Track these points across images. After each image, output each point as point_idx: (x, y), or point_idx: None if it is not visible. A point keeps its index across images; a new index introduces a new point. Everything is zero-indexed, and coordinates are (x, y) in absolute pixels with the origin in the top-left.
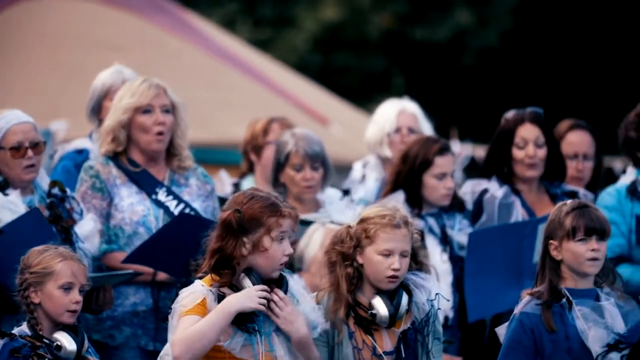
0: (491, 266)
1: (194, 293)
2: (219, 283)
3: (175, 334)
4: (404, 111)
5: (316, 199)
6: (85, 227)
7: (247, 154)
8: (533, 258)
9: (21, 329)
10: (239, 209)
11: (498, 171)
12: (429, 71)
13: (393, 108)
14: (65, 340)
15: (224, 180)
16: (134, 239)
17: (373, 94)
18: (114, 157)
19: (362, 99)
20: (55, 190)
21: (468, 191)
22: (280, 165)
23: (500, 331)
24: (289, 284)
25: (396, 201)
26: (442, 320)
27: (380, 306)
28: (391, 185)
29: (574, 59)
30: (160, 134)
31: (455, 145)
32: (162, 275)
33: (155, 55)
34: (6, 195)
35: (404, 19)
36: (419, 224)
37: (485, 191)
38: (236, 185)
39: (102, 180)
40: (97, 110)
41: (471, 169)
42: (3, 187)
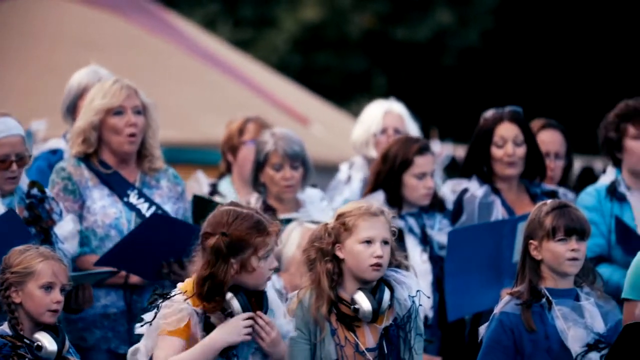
0: (471, 265)
1: (180, 312)
2: (207, 310)
3: (157, 356)
4: (390, 112)
5: (296, 198)
6: (65, 228)
7: (225, 155)
8: (513, 257)
9: (2, 329)
10: (225, 232)
11: (478, 170)
12: (409, 71)
13: (379, 109)
14: (46, 341)
15: (201, 181)
16: (106, 241)
17: (354, 94)
18: (85, 159)
19: (343, 99)
20: (34, 191)
21: (448, 190)
22: (260, 165)
23: (480, 331)
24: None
25: (376, 201)
26: (422, 319)
27: (363, 301)
28: (371, 185)
29: (555, 59)
30: (132, 135)
31: (436, 145)
32: (135, 278)
33: (136, 55)
34: None
35: (384, 19)
36: (399, 224)
37: (465, 191)
38: (213, 186)
39: (74, 182)
40: (72, 110)
41: (452, 169)
42: None
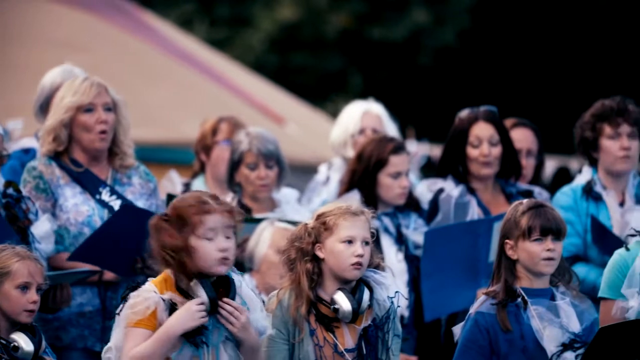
0: (447, 265)
1: (146, 300)
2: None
3: (124, 350)
4: (368, 112)
5: (272, 198)
6: (41, 228)
7: (198, 154)
8: (489, 257)
9: None
10: (166, 212)
11: (453, 170)
12: (386, 71)
13: (357, 109)
14: (22, 341)
15: (175, 180)
16: (79, 239)
17: (330, 94)
18: (56, 157)
19: (319, 99)
20: (10, 191)
21: (424, 190)
22: (235, 164)
23: (456, 330)
24: (241, 286)
25: (354, 201)
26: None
27: (343, 301)
28: (346, 185)
29: (531, 59)
30: (103, 132)
31: (412, 145)
32: (109, 275)
33: (112, 55)
34: None
35: (361, 19)
36: (374, 224)
37: (441, 190)
38: (187, 185)
39: (46, 181)
40: (45, 109)
41: (428, 169)
42: None
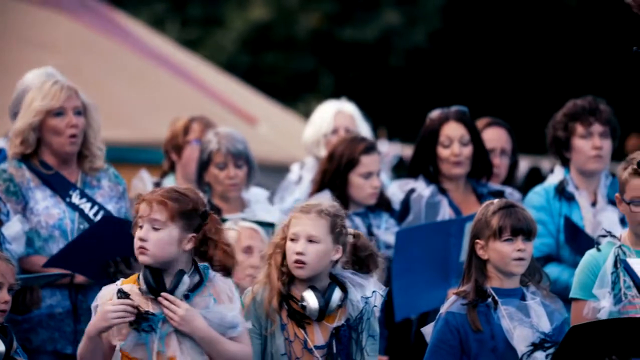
0: (418, 265)
1: (106, 291)
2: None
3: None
4: (341, 112)
5: (242, 198)
6: (13, 229)
7: (168, 153)
8: (460, 257)
9: None
10: None
11: (424, 170)
12: (357, 71)
13: (330, 109)
14: None
15: (145, 180)
16: (49, 242)
17: (301, 94)
18: (26, 160)
19: (290, 99)
20: None
21: (395, 190)
22: (204, 164)
23: (426, 331)
24: (214, 279)
25: (323, 200)
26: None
27: (311, 298)
28: (317, 185)
29: (502, 59)
30: (74, 136)
31: (384, 145)
32: (80, 278)
33: (83, 55)
34: None
35: (332, 19)
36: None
37: (412, 190)
38: (157, 185)
39: (16, 184)
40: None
41: (400, 169)
42: None
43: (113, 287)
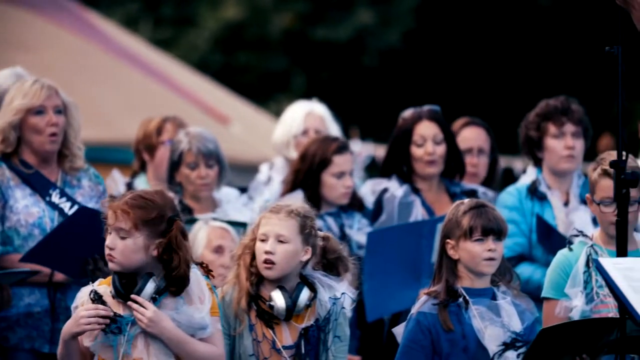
0: (390, 265)
1: (82, 292)
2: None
3: None
4: (311, 113)
5: (213, 198)
6: None
7: (140, 153)
8: (432, 257)
9: None
10: None
11: (397, 170)
12: (329, 71)
13: (301, 110)
14: None
15: (117, 180)
16: (29, 240)
17: (273, 94)
18: (6, 159)
19: (263, 99)
20: None
21: (368, 190)
22: (175, 164)
23: (398, 331)
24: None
25: (295, 200)
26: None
27: (278, 298)
28: (290, 185)
29: (475, 60)
30: (54, 135)
31: (356, 145)
32: (59, 276)
33: (55, 54)
34: None
35: (305, 19)
36: (318, 224)
37: (385, 190)
38: (129, 185)
39: None
40: None
41: (372, 169)
42: None
43: (90, 288)
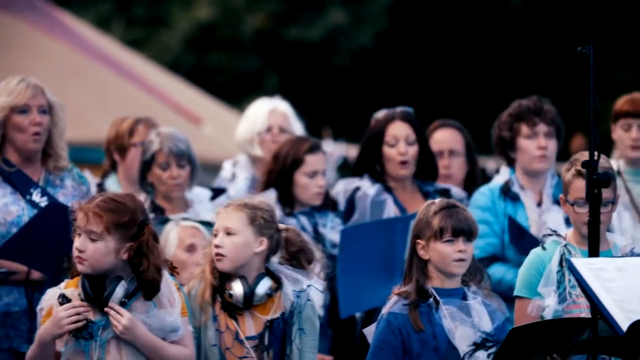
0: (363, 262)
1: (49, 295)
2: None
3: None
4: (275, 110)
5: (185, 198)
6: None
7: (110, 153)
8: (405, 254)
9: None
10: None
11: (370, 170)
12: (302, 71)
13: (264, 107)
14: None
15: (89, 181)
16: (7, 238)
17: (246, 94)
18: None
19: (235, 99)
20: None
21: (340, 190)
22: (146, 164)
23: (369, 331)
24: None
25: (268, 200)
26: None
27: (237, 286)
28: (263, 185)
29: (448, 60)
30: (37, 134)
31: (329, 145)
32: (36, 275)
33: (27, 54)
34: None
35: (277, 19)
36: (291, 222)
37: (357, 189)
38: (100, 186)
39: None
40: None
41: (345, 169)
42: None
43: (56, 291)
